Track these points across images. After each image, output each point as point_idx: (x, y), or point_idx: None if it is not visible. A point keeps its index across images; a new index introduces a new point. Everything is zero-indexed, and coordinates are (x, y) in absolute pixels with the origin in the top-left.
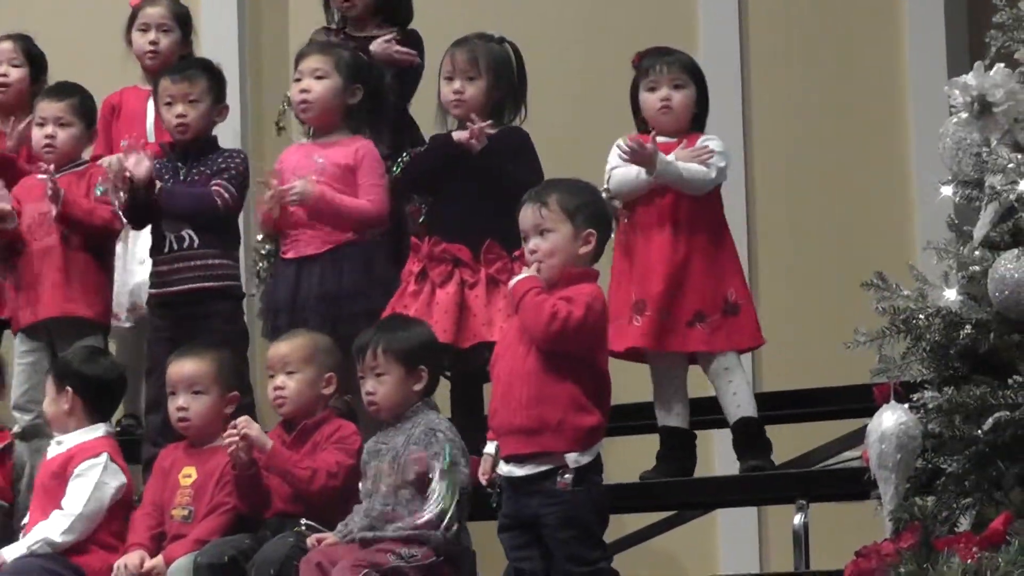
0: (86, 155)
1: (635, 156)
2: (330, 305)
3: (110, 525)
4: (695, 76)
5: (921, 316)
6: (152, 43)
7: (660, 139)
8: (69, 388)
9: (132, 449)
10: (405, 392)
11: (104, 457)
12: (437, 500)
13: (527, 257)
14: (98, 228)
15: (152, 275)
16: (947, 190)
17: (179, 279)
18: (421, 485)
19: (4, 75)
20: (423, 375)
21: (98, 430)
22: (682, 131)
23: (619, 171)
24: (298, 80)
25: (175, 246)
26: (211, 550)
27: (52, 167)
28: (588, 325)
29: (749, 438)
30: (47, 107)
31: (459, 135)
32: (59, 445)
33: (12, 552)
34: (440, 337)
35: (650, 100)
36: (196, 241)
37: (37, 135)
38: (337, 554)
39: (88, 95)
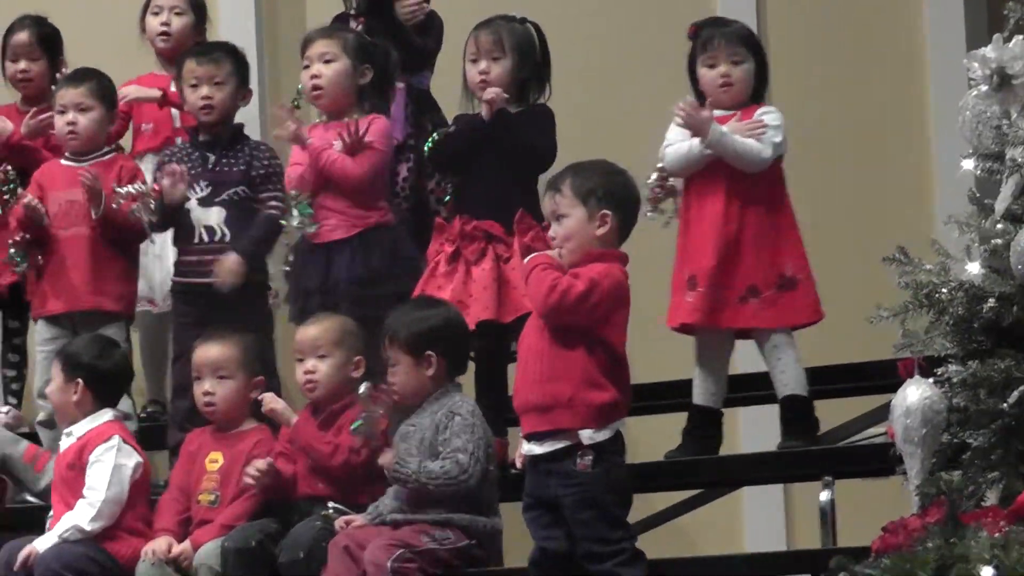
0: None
1: (690, 119)
2: (361, 288)
3: (135, 508)
4: (753, 48)
5: (944, 290)
6: (164, 24)
7: (717, 112)
8: (80, 380)
9: (157, 435)
10: (418, 379)
11: (116, 439)
12: (453, 451)
13: (551, 244)
14: (133, 229)
15: (179, 263)
16: (968, 163)
17: (207, 271)
18: None
19: (24, 71)
20: (432, 361)
21: (105, 415)
22: (742, 104)
23: (672, 148)
24: (307, 67)
25: (205, 238)
26: (238, 535)
27: (91, 175)
28: (592, 300)
29: (792, 417)
30: (66, 94)
31: (485, 111)
32: (69, 436)
33: (44, 542)
34: (482, 314)
35: (709, 76)
36: (226, 235)
37: (59, 123)
38: (366, 537)
39: (106, 77)
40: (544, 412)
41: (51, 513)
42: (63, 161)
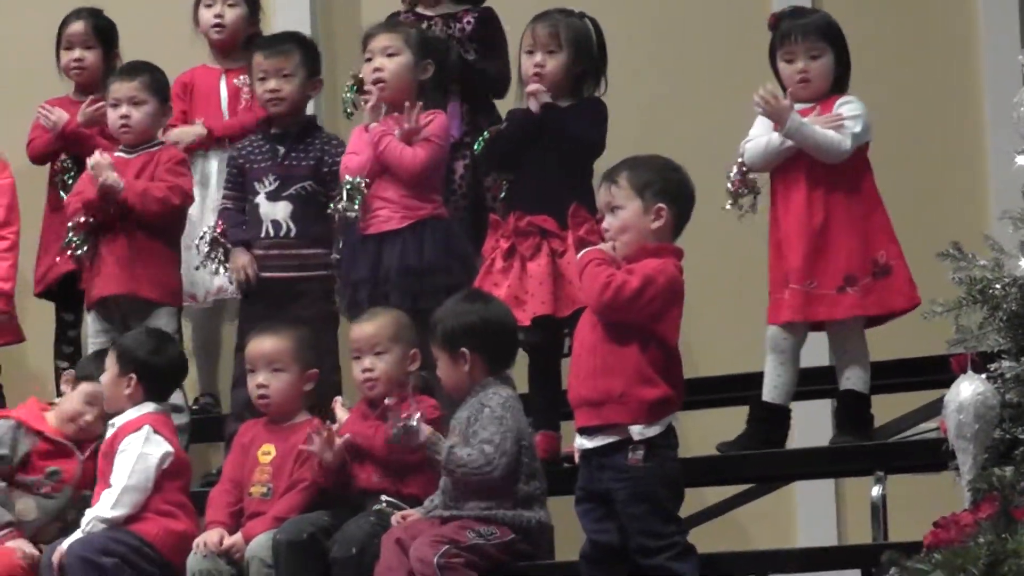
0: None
1: (768, 107)
2: (412, 280)
3: (164, 494)
4: (833, 39)
5: (997, 286)
6: (217, 16)
7: (797, 106)
8: (133, 375)
9: (210, 427)
10: (456, 374)
11: (146, 429)
12: (480, 442)
13: (604, 236)
14: (155, 212)
15: None
16: (1022, 159)
17: (273, 266)
18: None
19: (79, 60)
20: (466, 357)
21: (146, 407)
22: (821, 97)
23: (752, 143)
24: (369, 59)
25: (271, 232)
26: (290, 527)
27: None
28: (646, 296)
29: (848, 412)
30: (119, 88)
31: (533, 104)
32: (112, 427)
33: (72, 540)
34: (538, 309)
35: (787, 71)
36: (293, 230)
37: (112, 116)
38: (419, 530)
39: (159, 71)
40: (596, 407)
41: None
42: (116, 153)
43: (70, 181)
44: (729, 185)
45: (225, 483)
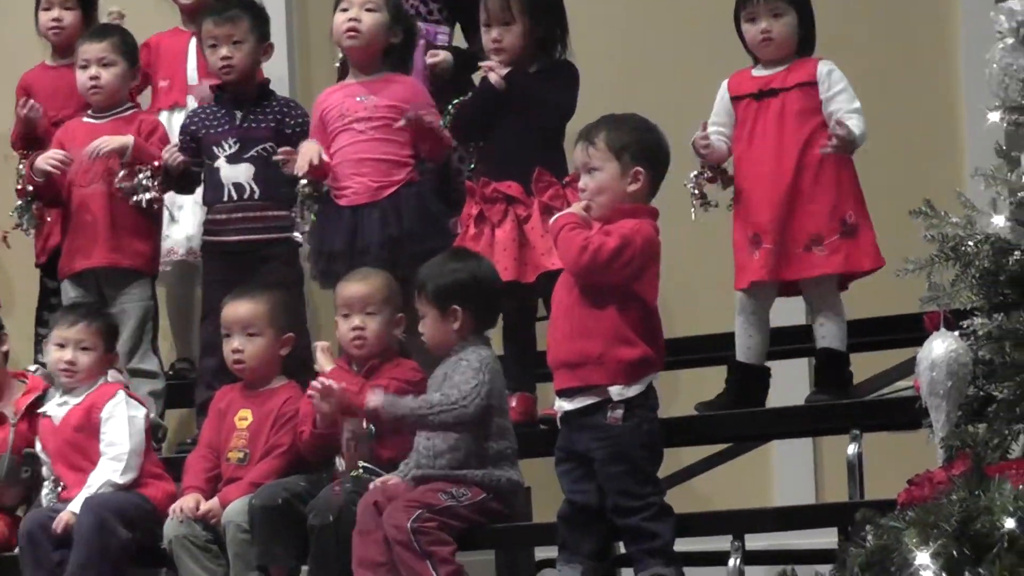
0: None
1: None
2: (393, 249)
3: (150, 457)
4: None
5: (970, 243)
6: None
7: (763, 72)
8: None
9: (186, 392)
10: (444, 331)
11: (122, 394)
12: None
13: (580, 195)
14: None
15: (208, 222)
16: (994, 116)
17: (237, 228)
18: None
19: (58, 19)
20: (457, 314)
21: (103, 378)
22: (788, 57)
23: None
24: (345, 10)
25: (234, 195)
26: (265, 492)
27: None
28: (624, 257)
29: (826, 371)
30: (89, 48)
31: (492, 77)
32: (63, 406)
33: (76, 503)
34: (503, 276)
35: (750, 32)
36: (256, 192)
37: (82, 77)
38: (396, 493)
39: (128, 34)
40: (574, 369)
41: (59, 485)
42: (84, 119)
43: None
44: (691, 192)
45: (202, 448)
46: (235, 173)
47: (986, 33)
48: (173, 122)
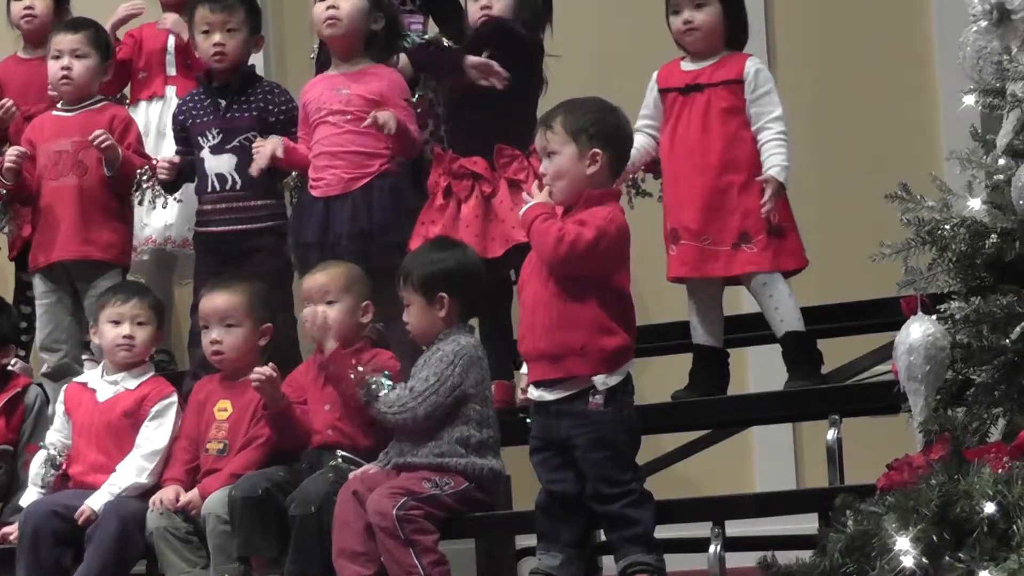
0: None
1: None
2: (364, 241)
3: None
4: None
5: (946, 227)
6: None
7: (691, 66)
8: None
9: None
10: (430, 319)
11: (175, 396)
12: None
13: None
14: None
15: (197, 212)
16: (969, 99)
17: (223, 219)
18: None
19: (30, 8)
20: (444, 302)
21: (150, 369)
22: (716, 51)
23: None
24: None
25: (217, 187)
26: (245, 483)
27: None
28: (601, 247)
29: (795, 353)
30: (62, 39)
31: (476, 76)
32: (114, 385)
33: (98, 500)
34: None
35: (675, 24)
36: (238, 182)
37: (53, 67)
38: (376, 481)
39: (102, 28)
40: (556, 360)
41: (59, 456)
42: (53, 112)
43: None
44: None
45: (182, 440)
46: (218, 164)
47: (959, 16)
48: (150, 112)
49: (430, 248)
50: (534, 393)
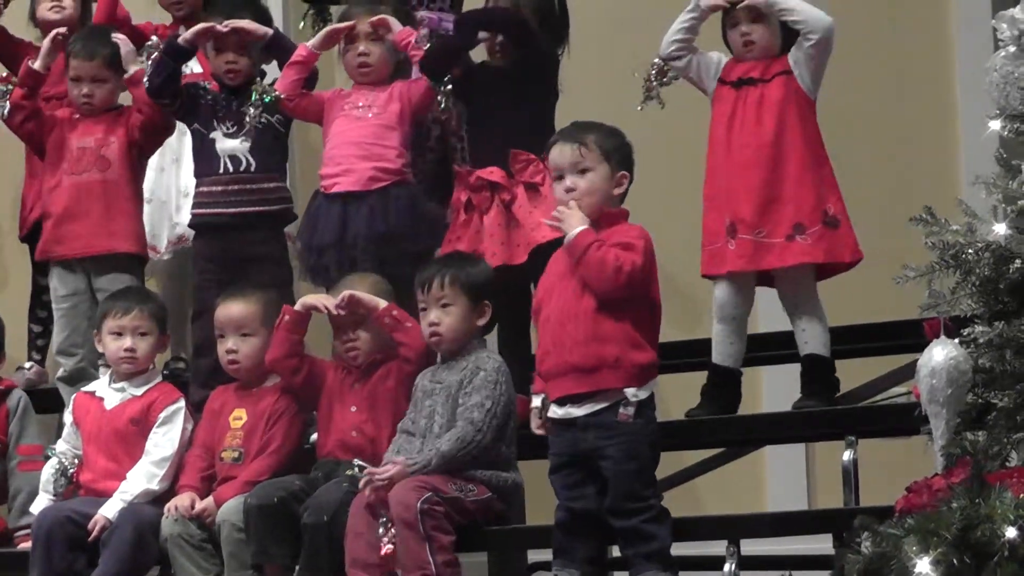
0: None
1: None
2: (380, 246)
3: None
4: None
5: (970, 251)
6: None
7: (743, 65)
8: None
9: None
10: (469, 325)
11: (183, 401)
12: (470, 407)
13: (560, 196)
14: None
15: (200, 195)
16: (995, 124)
17: (233, 201)
18: None
19: (59, 3)
20: (487, 310)
21: (157, 375)
22: (772, 55)
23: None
24: (351, 43)
25: (231, 167)
26: (260, 491)
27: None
28: (647, 269)
29: (812, 377)
30: (81, 66)
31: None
32: (120, 392)
33: (111, 508)
34: (491, 261)
35: (732, 36)
36: (253, 164)
37: (75, 92)
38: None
39: (114, 45)
40: (588, 373)
41: (71, 466)
42: (75, 116)
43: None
44: (645, 84)
45: (197, 448)
46: (232, 146)
47: (982, 40)
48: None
49: (465, 256)
50: (558, 411)
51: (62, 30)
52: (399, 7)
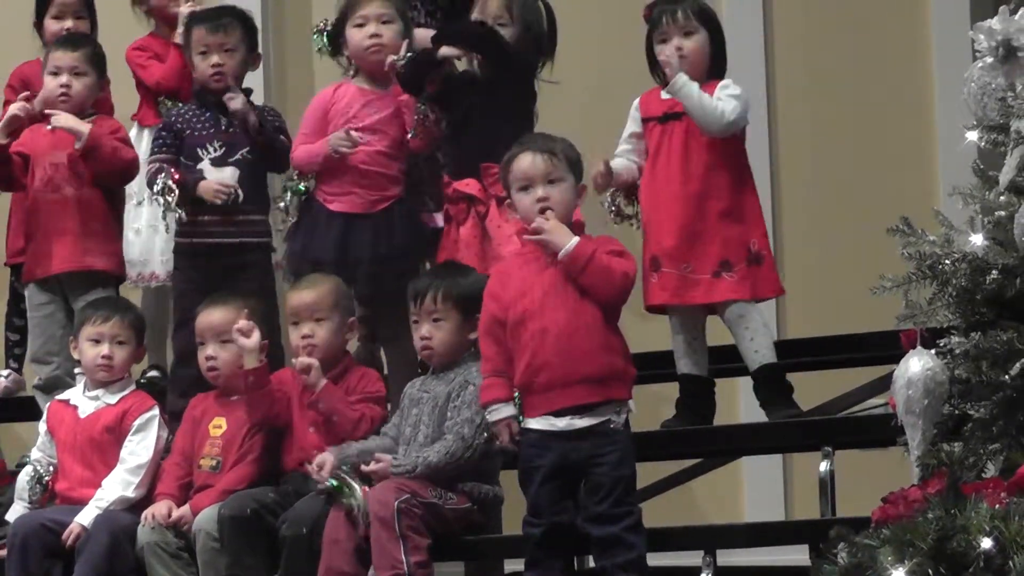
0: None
1: (670, 65)
2: (382, 266)
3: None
4: (706, 21)
5: (947, 261)
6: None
7: (668, 95)
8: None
9: (158, 401)
10: (460, 338)
11: (156, 409)
12: (460, 422)
13: (528, 206)
14: (119, 168)
15: (187, 223)
16: (972, 135)
17: (219, 231)
18: None
19: (71, 28)
20: (476, 324)
21: (131, 383)
22: (699, 80)
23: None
24: (360, 25)
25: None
26: (234, 502)
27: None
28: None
29: (770, 384)
30: (61, 57)
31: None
32: (94, 400)
33: (86, 516)
34: None
35: (664, 52)
36: (240, 195)
37: (51, 84)
38: (383, 474)
39: (99, 45)
40: (600, 383)
41: (46, 474)
42: (47, 126)
43: None
44: (608, 211)
45: (175, 456)
46: (221, 175)
47: (960, 52)
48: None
49: (456, 269)
50: (557, 423)
51: (25, 104)
52: (404, 10)
